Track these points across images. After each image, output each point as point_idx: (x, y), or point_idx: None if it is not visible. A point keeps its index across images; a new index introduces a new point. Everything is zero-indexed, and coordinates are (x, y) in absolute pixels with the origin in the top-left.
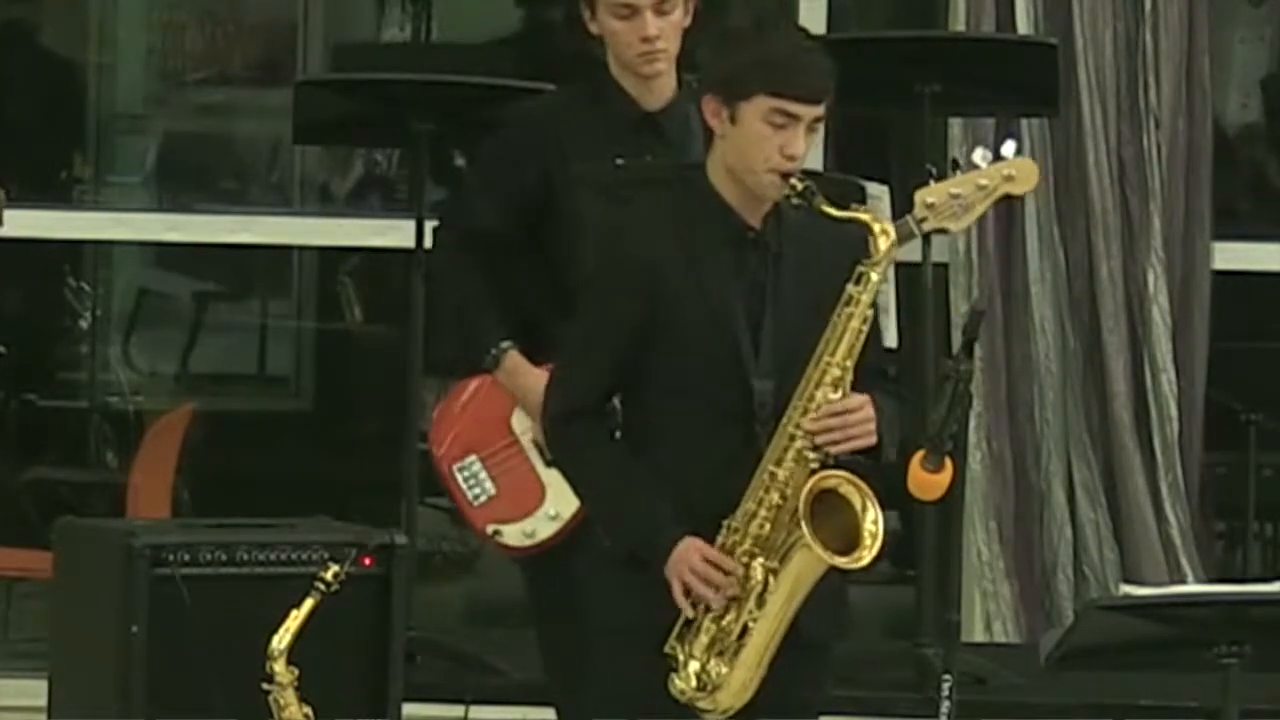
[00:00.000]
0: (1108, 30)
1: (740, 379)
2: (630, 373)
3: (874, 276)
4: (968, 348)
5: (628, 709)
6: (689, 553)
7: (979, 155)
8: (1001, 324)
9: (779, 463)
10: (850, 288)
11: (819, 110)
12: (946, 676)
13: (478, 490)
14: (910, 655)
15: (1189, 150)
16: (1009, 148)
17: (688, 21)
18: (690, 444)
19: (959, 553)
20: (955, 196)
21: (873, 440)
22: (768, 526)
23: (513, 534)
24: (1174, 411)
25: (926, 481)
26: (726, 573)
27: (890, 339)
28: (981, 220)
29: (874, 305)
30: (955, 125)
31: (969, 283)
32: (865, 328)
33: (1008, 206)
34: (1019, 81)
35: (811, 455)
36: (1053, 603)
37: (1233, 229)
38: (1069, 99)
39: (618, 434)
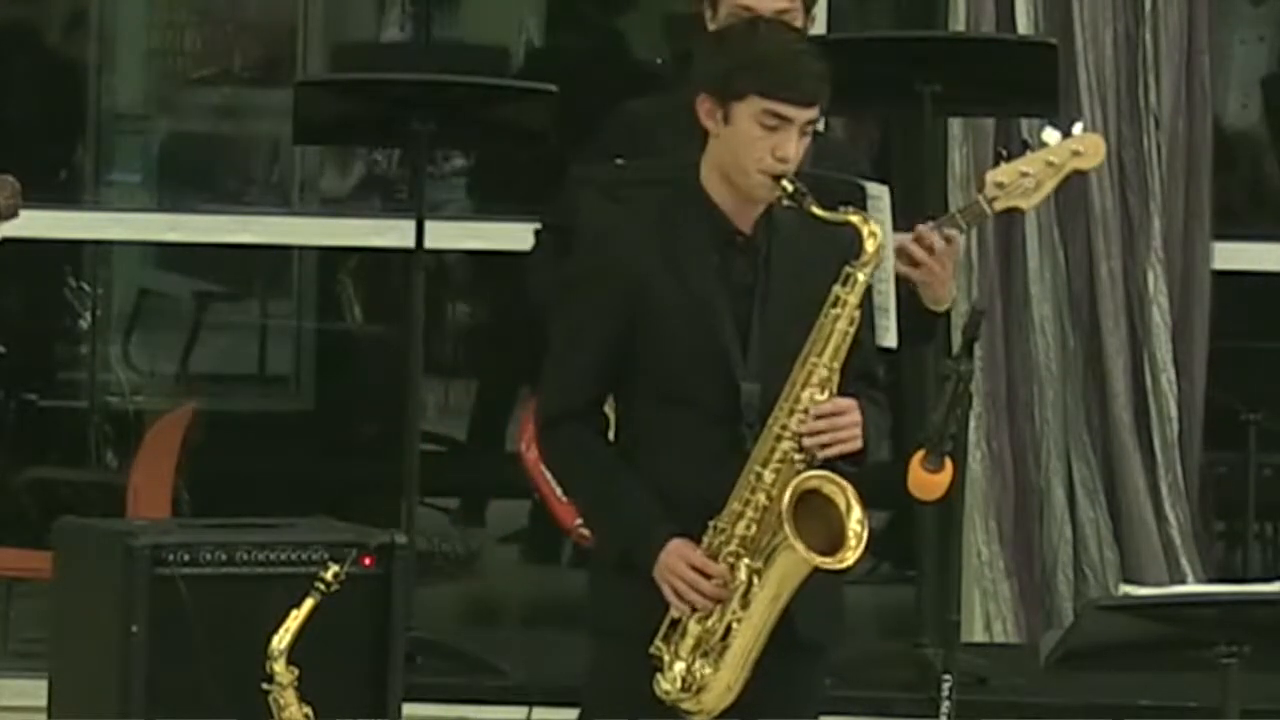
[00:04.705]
0: (1108, 30)
1: (727, 381)
2: (619, 375)
3: (861, 277)
4: (968, 348)
5: (618, 710)
6: (674, 559)
7: (1048, 134)
8: (1001, 324)
9: (765, 464)
10: (837, 289)
11: (812, 113)
12: (946, 676)
13: None
14: (910, 655)
15: (1189, 150)
16: (1078, 126)
17: None
18: (678, 446)
19: (959, 553)
20: (1025, 175)
21: (859, 444)
22: (753, 527)
23: None
24: (1174, 411)
25: (926, 481)
26: (711, 577)
27: (890, 339)
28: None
29: (861, 308)
30: (955, 125)
31: (969, 283)
32: (852, 329)
33: None
34: (1019, 81)
35: (798, 457)
36: (1053, 603)
37: (1233, 229)
38: (1069, 99)
39: (610, 435)
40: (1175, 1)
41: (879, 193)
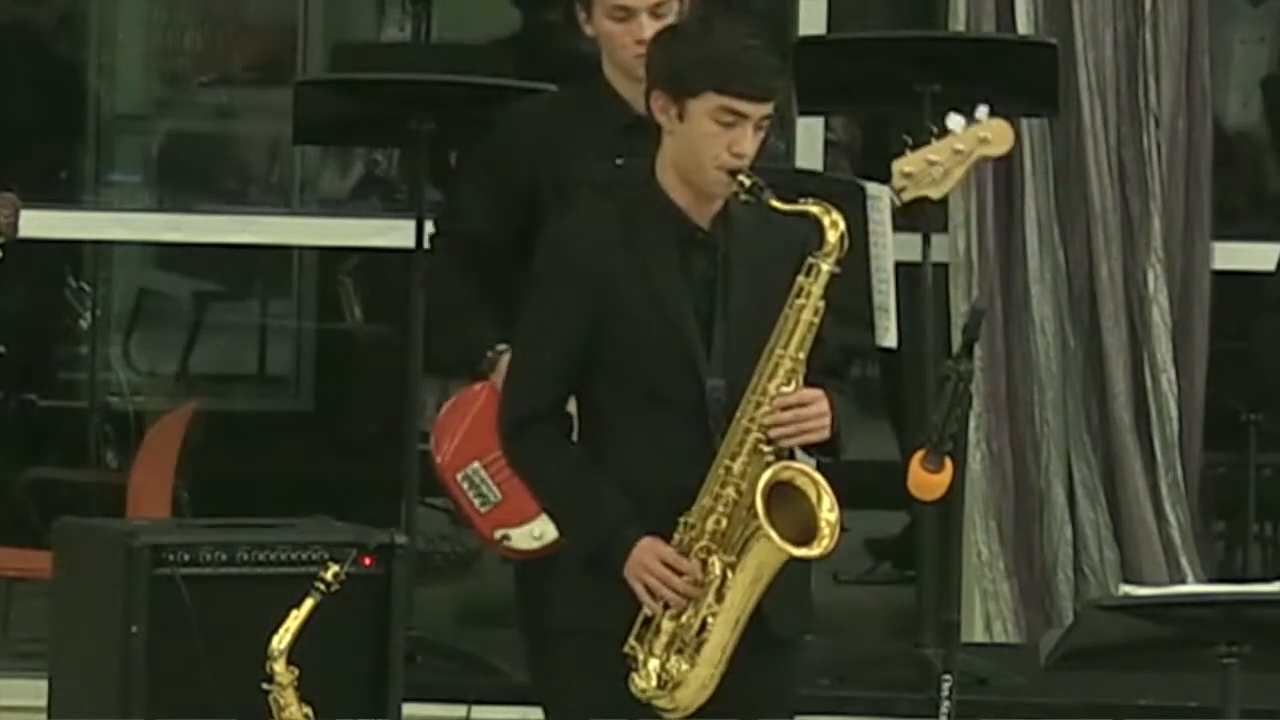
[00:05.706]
0: (1108, 30)
1: (693, 377)
2: (583, 375)
3: (824, 267)
4: (968, 348)
5: (591, 711)
6: (645, 556)
7: (953, 121)
8: (1001, 324)
9: (734, 457)
10: (801, 279)
11: (767, 108)
12: (946, 676)
13: (483, 496)
14: (910, 655)
15: (1189, 150)
16: (982, 111)
17: None
18: (645, 443)
19: (959, 553)
20: (933, 163)
21: (826, 434)
22: (724, 521)
23: (521, 537)
24: (1174, 411)
25: (926, 481)
26: (683, 574)
27: (890, 339)
28: (981, 220)
29: (825, 299)
30: None
31: (969, 283)
32: (817, 320)
33: (1008, 206)
34: (1019, 81)
35: (766, 449)
36: (1053, 603)
37: (1233, 229)
38: (1069, 99)
39: (574, 437)
40: (1175, 1)
41: (879, 193)
